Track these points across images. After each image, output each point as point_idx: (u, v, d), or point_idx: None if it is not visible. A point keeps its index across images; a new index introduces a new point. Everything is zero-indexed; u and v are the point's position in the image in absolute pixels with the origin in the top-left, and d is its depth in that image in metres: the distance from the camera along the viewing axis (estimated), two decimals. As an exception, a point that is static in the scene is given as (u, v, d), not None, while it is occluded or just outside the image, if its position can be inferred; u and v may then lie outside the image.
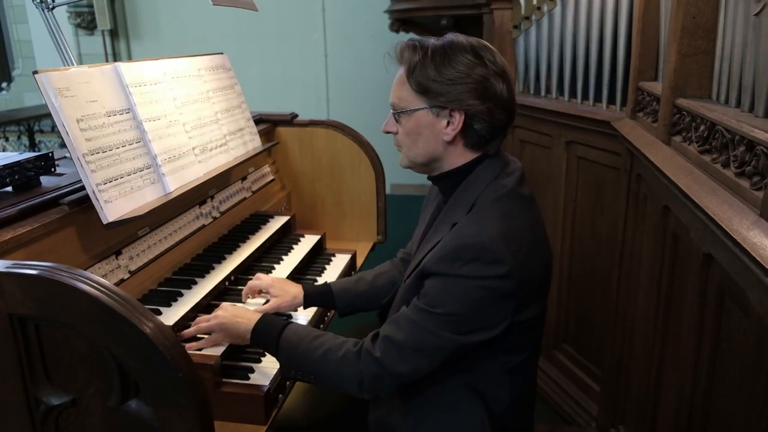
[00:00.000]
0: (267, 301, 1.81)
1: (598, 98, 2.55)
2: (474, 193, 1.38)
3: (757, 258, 1.09)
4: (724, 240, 1.26)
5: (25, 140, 6.57)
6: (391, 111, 1.43)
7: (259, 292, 1.84)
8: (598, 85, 2.54)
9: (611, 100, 2.47)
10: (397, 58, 1.40)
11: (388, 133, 1.47)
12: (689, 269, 1.59)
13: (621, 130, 2.19)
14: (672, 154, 1.74)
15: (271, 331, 1.48)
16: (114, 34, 6.95)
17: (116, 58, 6.96)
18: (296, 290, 1.80)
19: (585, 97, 2.62)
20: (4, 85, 7.55)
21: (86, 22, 6.83)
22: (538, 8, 2.80)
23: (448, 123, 1.36)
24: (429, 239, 1.44)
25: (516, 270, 1.27)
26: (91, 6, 6.70)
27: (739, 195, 1.30)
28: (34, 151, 6.25)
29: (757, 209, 1.21)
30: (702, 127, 1.56)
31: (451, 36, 1.38)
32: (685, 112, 1.70)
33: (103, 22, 6.73)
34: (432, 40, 1.37)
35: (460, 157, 1.41)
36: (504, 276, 1.26)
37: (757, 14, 1.33)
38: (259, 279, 1.83)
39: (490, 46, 1.38)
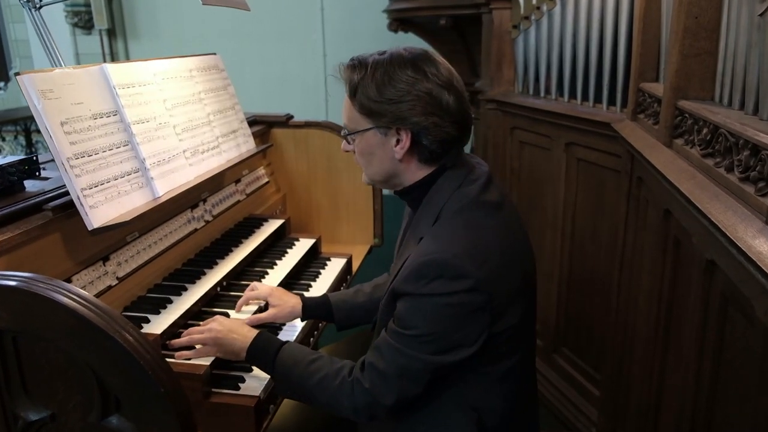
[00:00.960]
0: (260, 308, 1.77)
1: (598, 99, 2.51)
2: (438, 205, 1.35)
3: (763, 268, 1.05)
4: (728, 247, 1.22)
5: (22, 140, 6.54)
6: (342, 132, 1.43)
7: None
8: (598, 85, 2.50)
9: (611, 102, 2.44)
10: (341, 79, 1.38)
11: (347, 152, 1.46)
12: (691, 275, 1.55)
13: (621, 132, 2.16)
14: (673, 157, 1.70)
15: (267, 351, 1.44)
16: (112, 33, 6.92)
17: (114, 57, 6.93)
18: (295, 301, 1.77)
19: (585, 98, 2.59)
20: (1, 84, 7.52)
21: (83, 22, 6.80)
22: (538, 8, 2.77)
23: (397, 141, 1.34)
24: (400, 255, 1.42)
25: (484, 282, 1.24)
26: (88, 5, 6.67)
27: (743, 201, 1.26)
28: (31, 151, 6.23)
29: (762, 216, 1.16)
30: (705, 130, 1.51)
31: (392, 50, 1.35)
32: (687, 115, 1.66)
33: (101, 21, 6.70)
34: (373, 57, 1.34)
35: (416, 172, 1.39)
36: (471, 290, 1.23)
37: (761, 14, 1.29)
38: (256, 289, 1.79)
39: (435, 56, 1.35)
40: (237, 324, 1.55)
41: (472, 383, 1.35)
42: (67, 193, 1.50)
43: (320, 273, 2.21)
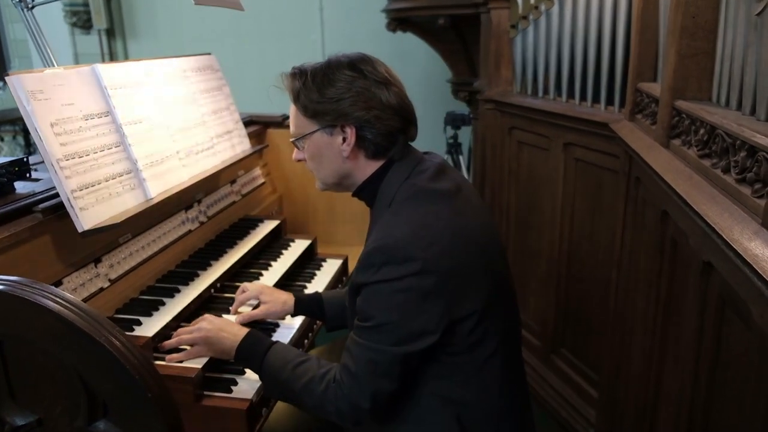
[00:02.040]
0: (255, 306, 1.76)
1: (596, 99, 2.50)
2: (388, 198, 1.38)
3: (760, 271, 1.03)
4: (724, 249, 1.21)
5: (20, 140, 6.53)
6: (291, 139, 1.47)
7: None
8: (596, 85, 2.49)
9: (609, 102, 2.42)
10: (284, 88, 1.45)
11: (299, 161, 1.50)
12: (689, 276, 1.53)
13: (619, 132, 2.14)
14: (671, 158, 1.68)
15: (256, 352, 1.44)
16: (110, 33, 6.90)
17: (113, 57, 6.92)
18: (286, 297, 1.77)
19: (583, 98, 2.58)
20: (0, 84, 7.50)
21: (82, 21, 6.78)
22: (536, 8, 2.75)
23: (344, 139, 1.38)
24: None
25: (432, 265, 1.24)
26: (87, 5, 6.65)
27: (740, 202, 1.24)
28: (30, 151, 6.22)
29: (758, 218, 1.15)
30: (702, 131, 1.50)
31: (330, 57, 1.42)
32: (684, 115, 1.64)
33: (100, 21, 6.68)
34: (312, 64, 1.41)
35: (365, 168, 1.42)
36: (418, 273, 1.23)
37: (758, 14, 1.27)
38: (247, 290, 1.78)
39: (372, 58, 1.41)
40: (227, 323, 1.55)
41: (448, 376, 1.35)
42: (57, 195, 1.49)
43: (316, 274, 2.20)
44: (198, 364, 1.50)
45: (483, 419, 1.38)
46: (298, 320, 1.83)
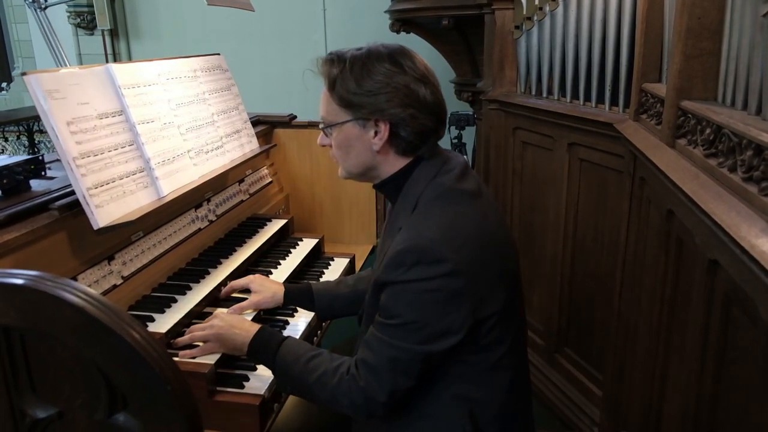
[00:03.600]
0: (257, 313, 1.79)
1: (600, 100, 2.51)
2: (414, 196, 1.37)
3: (767, 267, 1.05)
4: (731, 247, 1.23)
5: (24, 140, 6.53)
6: (320, 125, 1.44)
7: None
8: (600, 86, 2.50)
9: (614, 102, 2.44)
10: (319, 73, 1.41)
11: (323, 146, 1.47)
12: (694, 275, 1.55)
13: (624, 133, 2.16)
14: (676, 157, 1.70)
15: (268, 347, 1.45)
16: (114, 33, 6.91)
17: (116, 58, 6.93)
18: (276, 287, 1.79)
19: (587, 98, 2.59)
20: (4, 85, 7.52)
21: (86, 22, 6.80)
22: (540, 8, 2.77)
23: (376, 133, 1.36)
24: (382, 248, 1.44)
25: (462, 266, 1.25)
26: (90, 6, 6.67)
27: (746, 201, 1.26)
28: (34, 151, 6.23)
29: (766, 216, 1.17)
30: (708, 130, 1.52)
31: (370, 45, 1.38)
32: (690, 115, 1.66)
33: (103, 21, 6.70)
34: (351, 52, 1.37)
35: (393, 164, 1.41)
36: (449, 274, 1.24)
37: (765, 15, 1.29)
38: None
39: (411, 51, 1.38)
40: (239, 319, 1.57)
41: (463, 375, 1.36)
42: (72, 193, 1.51)
43: (323, 273, 2.22)
44: (210, 360, 1.52)
45: (494, 417, 1.40)
46: (305, 320, 1.84)
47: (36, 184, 1.61)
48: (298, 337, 1.75)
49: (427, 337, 1.27)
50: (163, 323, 1.58)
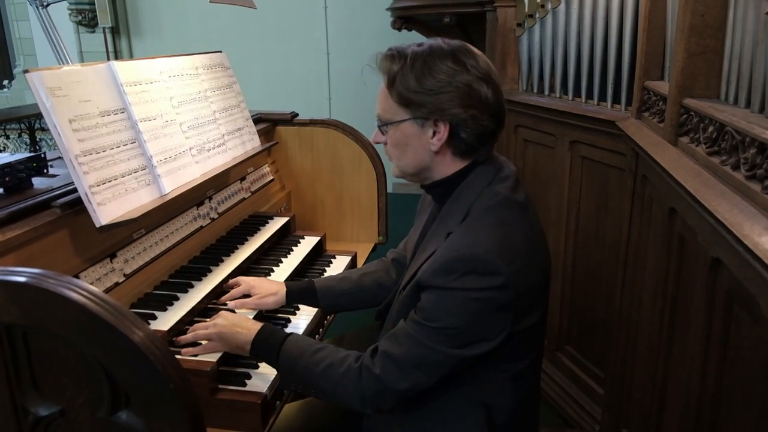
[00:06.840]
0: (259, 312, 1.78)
1: (602, 97, 2.51)
2: (467, 202, 1.34)
3: (770, 265, 1.05)
4: (734, 245, 1.22)
5: (26, 138, 6.53)
6: (377, 122, 1.41)
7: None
8: (602, 84, 2.50)
9: (616, 100, 2.43)
10: (378, 69, 1.37)
11: (377, 143, 1.45)
12: (696, 273, 1.55)
13: (626, 130, 2.15)
14: (679, 155, 1.70)
15: (272, 343, 1.45)
16: (115, 31, 6.92)
17: (117, 55, 6.94)
18: (278, 287, 1.78)
19: (589, 96, 2.59)
20: (5, 83, 7.52)
21: (87, 20, 6.80)
22: (542, 6, 2.76)
23: (434, 133, 1.33)
24: (423, 248, 1.41)
25: (512, 280, 1.24)
26: (92, 3, 6.67)
27: (749, 199, 1.26)
28: (35, 149, 6.23)
29: (768, 214, 1.17)
30: (710, 128, 1.51)
31: (431, 42, 1.34)
32: (692, 113, 1.66)
33: (105, 19, 6.70)
34: (412, 48, 1.33)
35: (449, 165, 1.38)
36: (500, 287, 1.23)
37: (768, 12, 1.29)
38: (239, 283, 1.80)
39: (473, 49, 1.34)
40: (241, 318, 1.57)
41: (487, 380, 1.36)
42: (75, 191, 1.51)
43: (325, 270, 2.21)
44: (213, 358, 1.52)
45: (512, 423, 1.40)
46: (307, 318, 1.84)
47: (38, 182, 1.61)
48: (301, 333, 1.76)
49: (462, 343, 1.26)
50: (165, 321, 1.58)
